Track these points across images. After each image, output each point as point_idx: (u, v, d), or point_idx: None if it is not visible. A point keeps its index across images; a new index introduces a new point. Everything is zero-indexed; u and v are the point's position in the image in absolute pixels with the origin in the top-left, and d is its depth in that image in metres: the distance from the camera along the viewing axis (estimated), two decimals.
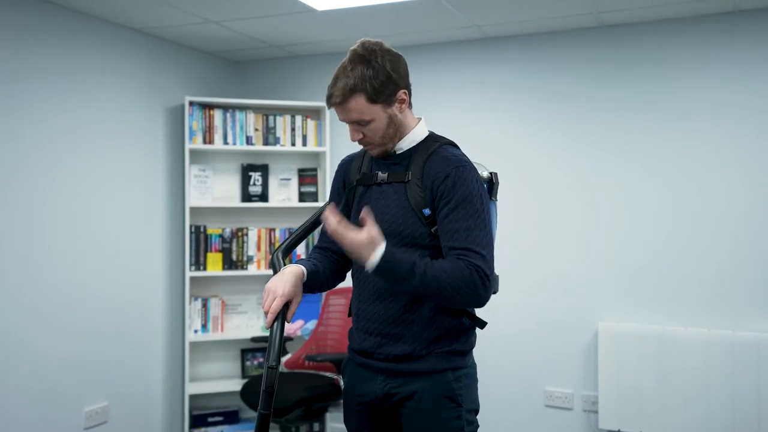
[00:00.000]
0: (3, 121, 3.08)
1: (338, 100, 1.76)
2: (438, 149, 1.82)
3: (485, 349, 3.90)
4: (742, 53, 3.40)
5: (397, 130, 1.83)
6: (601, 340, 3.55)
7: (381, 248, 1.68)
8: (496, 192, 1.90)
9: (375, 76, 1.74)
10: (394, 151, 1.86)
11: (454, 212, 1.72)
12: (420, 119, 1.90)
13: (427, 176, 1.78)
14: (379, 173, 1.86)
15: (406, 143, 1.85)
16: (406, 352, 1.80)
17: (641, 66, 3.59)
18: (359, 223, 1.77)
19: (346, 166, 2.00)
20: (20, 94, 3.15)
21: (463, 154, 1.84)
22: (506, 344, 3.84)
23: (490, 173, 1.90)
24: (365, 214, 1.72)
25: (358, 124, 1.79)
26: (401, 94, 1.81)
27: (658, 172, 3.56)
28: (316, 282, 1.87)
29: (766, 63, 3.36)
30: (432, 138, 1.87)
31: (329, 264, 1.95)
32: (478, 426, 1.86)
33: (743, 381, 3.25)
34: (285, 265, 1.88)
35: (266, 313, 1.74)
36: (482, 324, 1.89)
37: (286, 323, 1.75)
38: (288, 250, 1.98)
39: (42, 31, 3.25)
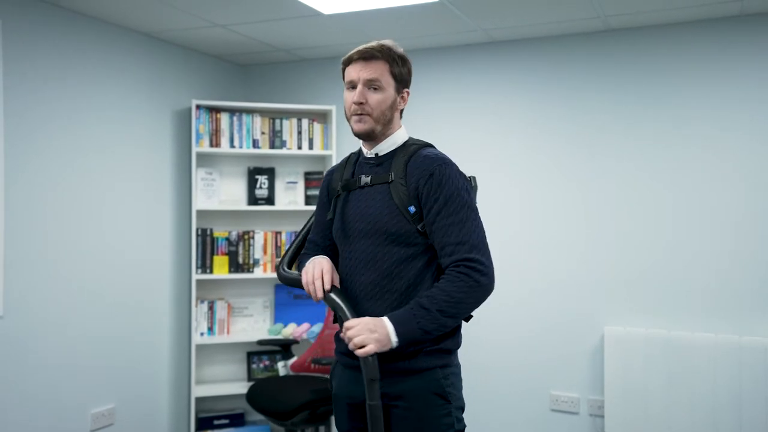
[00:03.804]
0: (10, 124, 3.09)
1: (366, 55, 1.84)
2: (418, 150, 1.90)
3: (491, 353, 3.91)
4: (748, 57, 3.39)
5: (391, 119, 1.90)
6: (607, 344, 3.54)
7: (384, 319, 1.75)
8: (475, 196, 1.92)
9: (399, 59, 1.89)
10: (376, 154, 1.92)
11: (445, 208, 1.79)
12: (401, 126, 1.96)
13: (410, 175, 1.84)
14: (362, 177, 1.92)
15: (387, 145, 1.92)
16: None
17: (647, 70, 3.59)
18: (345, 232, 1.89)
19: (330, 177, 2.06)
20: (27, 97, 3.17)
21: (443, 153, 1.91)
22: (512, 348, 3.83)
23: (469, 177, 1.94)
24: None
25: (369, 87, 1.84)
26: (406, 91, 1.94)
27: (665, 176, 3.55)
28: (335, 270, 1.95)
29: None
30: (411, 141, 1.95)
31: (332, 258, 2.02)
32: (465, 425, 1.89)
33: (750, 386, 3.24)
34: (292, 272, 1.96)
35: (316, 281, 1.82)
36: (467, 317, 1.90)
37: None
38: (291, 261, 2.06)
39: (49, 34, 3.27)
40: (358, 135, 1.89)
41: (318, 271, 1.84)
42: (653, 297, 3.55)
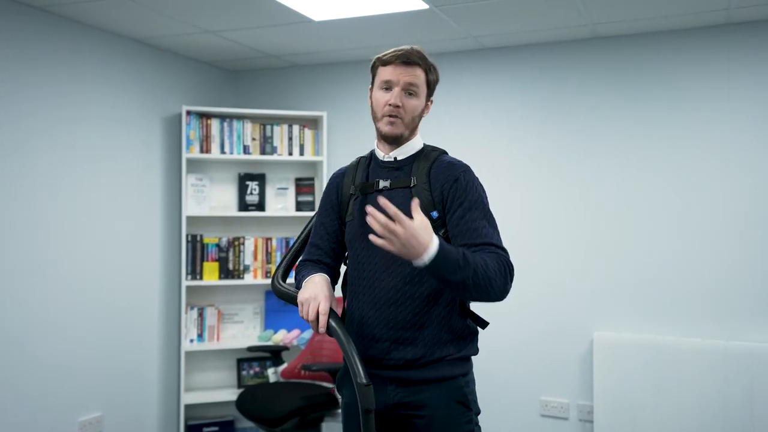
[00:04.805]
0: (2, 131, 3.08)
1: (407, 59, 1.84)
2: (439, 157, 1.90)
3: (481, 358, 3.90)
4: (734, 64, 3.43)
5: (416, 126, 1.91)
6: (596, 349, 3.55)
7: (435, 238, 1.60)
8: None
9: (433, 68, 1.92)
10: (395, 158, 1.90)
11: (470, 213, 1.79)
12: (418, 132, 1.98)
13: (435, 181, 1.84)
14: (380, 181, 1.89)
15: (406, 150, 1.91)
16: (417, 356, 1.80)
17: (636, 77, 3.62)
18: (364, 235, 1.81)
19: (339, 179, 2.01)
20: (18, 104, 3.16)
21: (462, 161, 1.92)
22: (502, 354, 3.84)
23: None
24: (384, 205, 1.60)
25: (407, 91, 1.84)
26: (431, 101, 1.95)
27: (653, 182, 3.58)
28: (332, 287, 1.90)
29: (757, 73, 3.39)
30: (429, 148, 1.95)
31: (328, 273, 1.97)
32: (480, 429, 1.89)
33: (736, 390, 3.26)
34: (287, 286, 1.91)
35: (311, 321, 1.72)
36: (484, 324, 1.91)
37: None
38: (286, 272, 2.01)
39: (39, 41, 3.26)
40: (386, 137, 1.87)
41: (314, 306, 1.72)
42: (642, 302, 3.58)
